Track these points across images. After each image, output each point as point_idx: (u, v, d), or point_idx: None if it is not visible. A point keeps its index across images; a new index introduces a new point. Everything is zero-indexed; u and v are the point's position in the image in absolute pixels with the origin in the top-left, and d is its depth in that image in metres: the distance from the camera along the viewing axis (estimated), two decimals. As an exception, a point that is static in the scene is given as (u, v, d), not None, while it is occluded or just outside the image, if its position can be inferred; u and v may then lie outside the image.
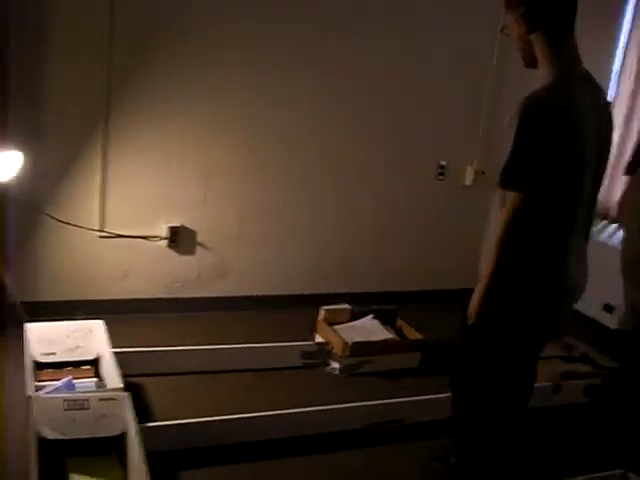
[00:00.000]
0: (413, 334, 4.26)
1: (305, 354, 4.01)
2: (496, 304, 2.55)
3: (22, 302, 3.88)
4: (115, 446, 2.85)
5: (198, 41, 4.10)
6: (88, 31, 3.86)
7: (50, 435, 2.74)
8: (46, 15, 3.77)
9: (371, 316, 4.34)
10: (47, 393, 3.07)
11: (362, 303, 4.43)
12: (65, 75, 3.87)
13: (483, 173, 4.97)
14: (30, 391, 2.93)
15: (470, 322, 2.60)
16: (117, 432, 2.85)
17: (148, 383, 3.59)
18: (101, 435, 2.82)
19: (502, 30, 2.66)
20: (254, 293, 4.60)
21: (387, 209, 4.88)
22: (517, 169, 2.40)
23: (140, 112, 4.09)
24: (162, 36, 4.02)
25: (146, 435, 2.80)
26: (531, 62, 2.56)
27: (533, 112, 2.38)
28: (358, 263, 4.87)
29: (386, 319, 4.35)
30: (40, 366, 3.41)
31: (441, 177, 4.98)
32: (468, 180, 5.02)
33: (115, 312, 4.04)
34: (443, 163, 4.95)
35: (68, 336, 3.56)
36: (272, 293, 4.64)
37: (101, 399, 2.90)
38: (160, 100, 4.11)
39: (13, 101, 3.68)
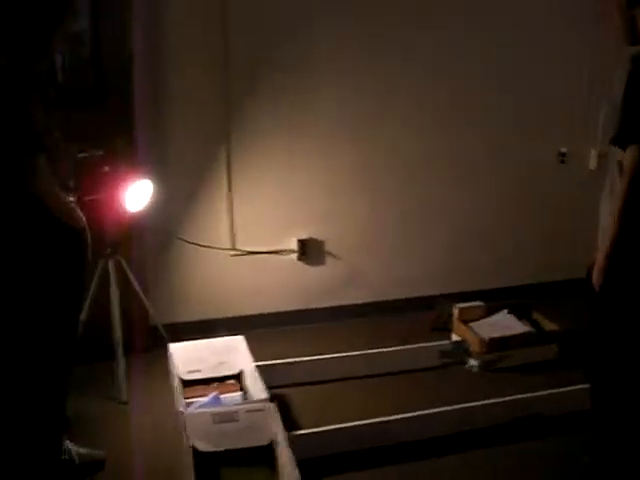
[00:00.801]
0: (549, 326, 4.17)
1: (443, 353, 3.99)
2: (619, 272, 2.49)
3: (164, 324, 4.01)
4: (263, 456, 2.91)
5: (319, 58, 4.20)
6: (205, 57, 4.02)
7: (203, 448, 2.84)
8: (164, 46, 3.94)
9: (506, 311, 4.26)
10: (196, 408, 3.18)
11: (492, 300, 4.37)
12: (186, 102, 4.04)
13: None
14: (181, 407, 3.04)
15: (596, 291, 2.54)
16: (266, 442, 2.92)
17: (291, 393, 3.65)
18: (251, 445, 2.90)
19: None
20: (385, 298, 4.61)
21: (508, 202, 4.80)
22: (633, 123, 2.34)
23: (262, 130, 4.20)
24: (280, 56, 4.13)
25: (293, 443, 2.86)
26: (633, 39, 2.49)
27: None
28: (485, 259, 4.79)
29: (521, 313, 4.27)
30: (186, 384, 3.53)
31: (563, 164, 4.85)
32: (592, 164, 4.88)
33: (251, 327, 4.12)
34: (564, 150, 4.83)
35: (211, 353, 3.67)
36: (402, 297, 4.63)
37: (249, 410, 2.98)
38: (283, 118, 4.22)
39: (140, 132, 3.84)
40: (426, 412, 3.31)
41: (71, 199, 2.67)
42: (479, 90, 4.57)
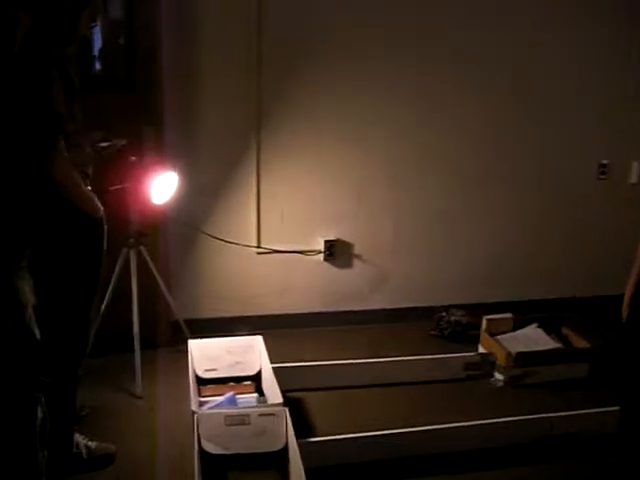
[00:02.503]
0: (580, 343, 4.05)
1: (469, 365, 3.88)
2: None
3: (185, 320, 3.96)
4: (275, 461, 2.85)
5: (347, 56, 4.13)
6: (237, 53, 3.97)
7: (213, 450, 2.78)
8: (196, 38, 3.90)
9: (535, 325, 4.15)
10: (209, 409, 3.13)
11: (524, 311, 4.26)
12: (216, 98, 3.99)
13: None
14: (194, 406, 2.98)
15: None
16: (278, 447, 2.85)
17: (308, 397, 3.58)
18: (262, 450, 2.83)
19: None
20: (412, 304, 4.51)
21: (546, 212, 4.68)
22: None
23: (292, 130, 4.14)
24: (310, 53, 4.08)
25: (307, 450, 2.77)
26: None
27: None
28: (516, 270, 4.68)
29: (551, 327, 4.16)
30: (203, 381, 3.48)
31: (603, 176, 4.72)
32: (634, 178, 4.75)
33: (274, 327, 4.08)
34: (605, 162, 4.69)
35: (229, 352, 3.61)
36: (430, 304, 4.52)
37: (261, 414, 2.91)
38: (311, 117, 4.16)
39: (168, 124, 3.81)
40: (445, 426, 3.19)
41: (89, 187, 2.62)
42: (520, 102, 4.47)
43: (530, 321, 4.17)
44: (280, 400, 3.04)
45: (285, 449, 2.85)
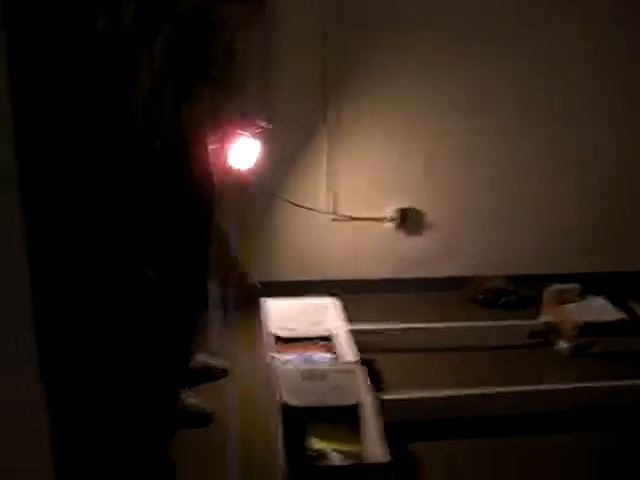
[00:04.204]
0: (647, 315, 4.10)
1: (533, 333, 3.98)
2: None
3: (260, 282, 4.14)
4: (348, 415, 3.01)
5: (427, 28, 4.18)
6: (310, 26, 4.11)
7: (292, 402, 2.95)
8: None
9: (602, 296, 4.21)
10: (287, 364, 3.29)
11: (591, 283, 4.31)
12: (290, 65, 4.14)
13: None
14: (273, 362, 3.15)
15: None
16: (352, 402, 3.01)
17: (380, 359, 3.70)
18: (337, 404, 2.99)
19: None
20: (482, 273, 4.58)
21: (615, 181, 4.68)
22: None
23: (365, 95, 4.25)
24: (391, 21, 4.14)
25: (379, 406, 2.94)
26: None
27: None
28: (585, 241, 4.69)
29: (618, 300, 4.21)
30: (279, 340, 3.65)
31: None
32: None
33: (346, 292, 4.17)
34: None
35: (305, 312, 3.79)
36: (500, 273, 4.59)
37: (337, 371, 3.08)
38: (384, 84, 4.24)
39: (249, 95, 3.94)
40: (508, 389, 3.35)
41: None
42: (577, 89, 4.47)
43: (597, 292, 4.23)
44: (356, 358, 3.21)
45: (358, 404, 3.01)
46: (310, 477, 2.41)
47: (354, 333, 3.53)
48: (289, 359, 3.43)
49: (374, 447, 2.70)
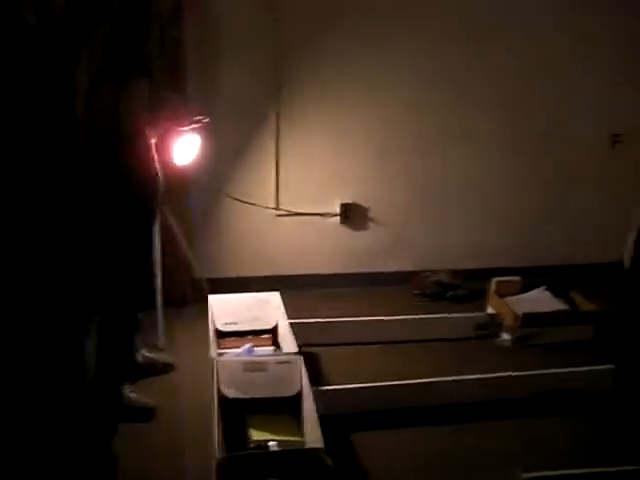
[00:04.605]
0: (587, 306, 4.15)
1: (477, 325, 4.02)
2: None
3: (206, 278, 4.13)
4: (289, 406, 3.02)
5: (371, 13, 4.20)
6: (256, 10, 4.11)
7: (231, 394, 2.95)
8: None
9: (543, 287, 4.26)
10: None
11: (534, 276, 4.36)
12: (236, 54, 4.12)
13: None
14: (214, 355, 3.15)
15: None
16: (292, 393, 3.01)
17: (322, 352, 3.74)
18: (277, 395, 3.00)
19: None
20: (425, 268, 4.61)
21: (560, 180, 4.74)
22: None
23: (312, 92, 4.28)
24: (332, 13, 4.17)
25: (319, 398, 2.94)
26: None
27: None
28: (528, 236, 4.74)
29: (559, 291, 4.26)
30: (222, 335, 3.65)
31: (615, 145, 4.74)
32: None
33: (290, 287, 4.16)
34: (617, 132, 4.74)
35: (248, 307, 3.78)
36: (443, 267, 4.61)
37: (278, 362, 3.08)
38: (333, 80, 4.28)
39: (190, 83, 3.96)
40: (451, 379, 3.38)
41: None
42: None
43: (538, 284, 4.28)
44: (296, 349, 3.22)
45: (299, 395, 3.02)
46: (243, 462, 2.40)
47: (296, 326, 3.54)
48: (233, 353, 3.42)
49: (313, 436, 2.71)
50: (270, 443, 2.73)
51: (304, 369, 3.03)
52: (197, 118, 3.46)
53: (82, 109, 2.74)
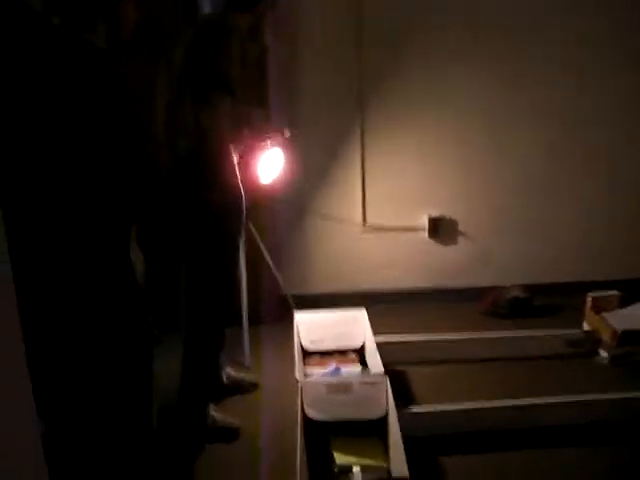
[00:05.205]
0: (692, 321, 3.94)
1: (571, 342, 3.86)
2: None
3: (292, 295, 4.09)
4: (378, 429, 2.93)
5: (452, 30, 4.13)
6: (338, 32, 4.08)
7: (315, 416, 2.89)
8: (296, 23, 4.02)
9: (642, 303, 4.07)
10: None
11: (632, 290, 4.16)
12: (318, 74, 4.11)
13: None
14: (299, 375, 3.10)
15: None
16: (379, 415, 2.93)
17: (409, 371, 3.66)
18: (363, 417, 2.92)
19: None
20: (518, 282, 4.46)
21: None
22: None
23: (397, 105, 4.20)
24: (411, 29, 4.10)
25: (407, 420, 2.88)
26: None
27: None
28: (622, 249, 4.56)
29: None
30: (308, 353, 3.61)
31: None
32: None
33: (378, 302, 4.13)
34: None
35: (334, 324, 3.72)
36: (537, 282, 4.48)
37: (363, 383, 3.00)
38: (416, 93, 4.21)
39: (273, 99, 3.93)
40: (546, 401, 3.24)
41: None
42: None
43: (638, 298, 4.08)
44: (381, 370, 3.13)
45: (385, 417, 2.94)
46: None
47: (383, 344, 3.46)
48: (320, 374, 3.37)
49: (398, 462, 2.62)
50: (354, 469, 2.66)
51: (390, 391, 2.95)
52: (280, 133, 3.43)
53: (162, 126, 2.76)
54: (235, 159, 3.08)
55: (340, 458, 2.75)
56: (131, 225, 1.94)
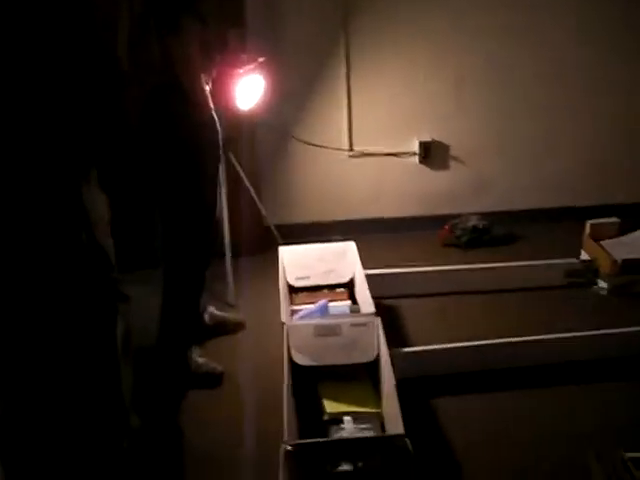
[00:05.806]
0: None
1: (569, 272, 3.70)
2: None
3: (276, 225, 3.93)
4: (370, 371, 2.79)
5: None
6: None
7: (302, 361, 2.74)
8: None
9: (643, 230, 3.90)
10: (300, 318, 3.08)
11: (632, 216, 4.01)
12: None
13: None
14: (284, 317, 2.94)
15: None
16: (370, 358, 2.78)
17: (402, 305, 3.50)
18: (353, 361, 2.77)
19: None
20: (512, 208, 4.32)
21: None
22: None
23: (384, 23, 3.96)
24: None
25: (401, 360, 2.74)
26: None
27: None
28: (622, 173, 4.38)
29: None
30: (295, 289, 3.44)
31: None
32: None
33: (366, 232, 4.00)
34: None
35: (321, 259, 3.54)
36: (532, 207, 4.34)
37: (353, 324, 2.84)
38: (405, 5, 3.96)
39: (252, 22, 3.69)
40: (546, 337, 3.07)
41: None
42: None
43: (639, 226, 3.92)
44: (372, 309, 2.96)
45: (377, 360, 2.78)
46: (313, 453, 2.18)
47: (374, 278, 3.30)
48: (306, 312, 3.19)
49: (391, 407, 2.47)
50: (345, 418, 2.51)
51: (382, 332, 2.78)
52: (255, 58, 3.20)
53: (126, 61, 2.54)
54: (208, 89, 2.85)
55: (330, 406, 2.60)
56: (87, 170, 1.74)
